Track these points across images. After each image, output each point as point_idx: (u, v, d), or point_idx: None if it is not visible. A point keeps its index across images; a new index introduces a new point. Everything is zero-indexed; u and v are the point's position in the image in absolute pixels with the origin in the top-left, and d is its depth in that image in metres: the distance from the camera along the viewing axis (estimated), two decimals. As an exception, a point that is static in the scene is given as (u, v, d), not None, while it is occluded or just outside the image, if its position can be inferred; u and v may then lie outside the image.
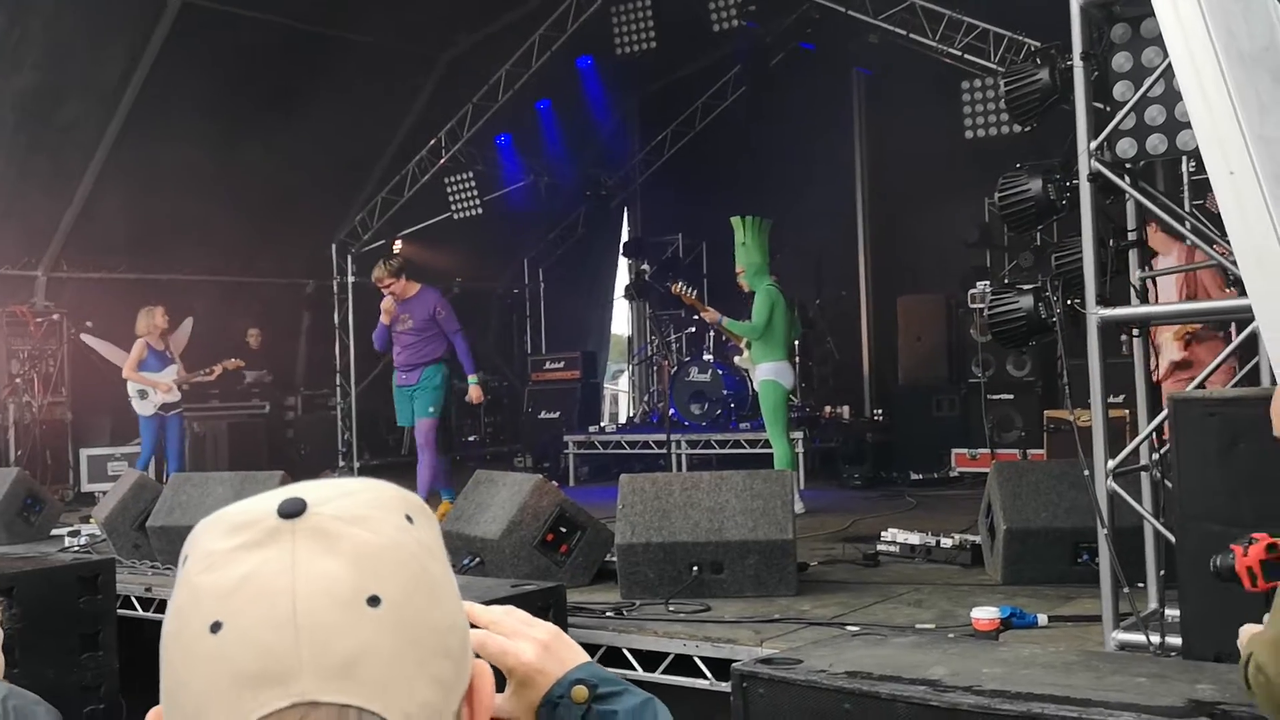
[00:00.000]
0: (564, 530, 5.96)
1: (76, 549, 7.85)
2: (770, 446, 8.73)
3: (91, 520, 8.49)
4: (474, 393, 9.01)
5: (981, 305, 10.41)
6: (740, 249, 8.83)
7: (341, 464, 14.05)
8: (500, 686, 0.97)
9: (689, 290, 9.18)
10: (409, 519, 0.77)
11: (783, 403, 8.57)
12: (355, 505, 0.75)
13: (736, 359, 9.66)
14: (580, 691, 1.06)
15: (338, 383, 14.48)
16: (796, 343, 10.32)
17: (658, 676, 4.87)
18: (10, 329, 11.78)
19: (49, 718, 2.09)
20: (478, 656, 0.82)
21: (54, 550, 7.71)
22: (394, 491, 0.78)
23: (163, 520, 7.28)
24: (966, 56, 10.07)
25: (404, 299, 8.70)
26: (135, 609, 6.56)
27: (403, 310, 8.70)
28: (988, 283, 10.96)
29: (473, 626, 0.86)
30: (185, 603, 0.72)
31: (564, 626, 4.75)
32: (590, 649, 4.99)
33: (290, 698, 0.68)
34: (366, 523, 0.74)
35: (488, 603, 4.15)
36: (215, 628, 0.70)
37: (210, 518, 0.76)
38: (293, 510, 0.73)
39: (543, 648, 1.07)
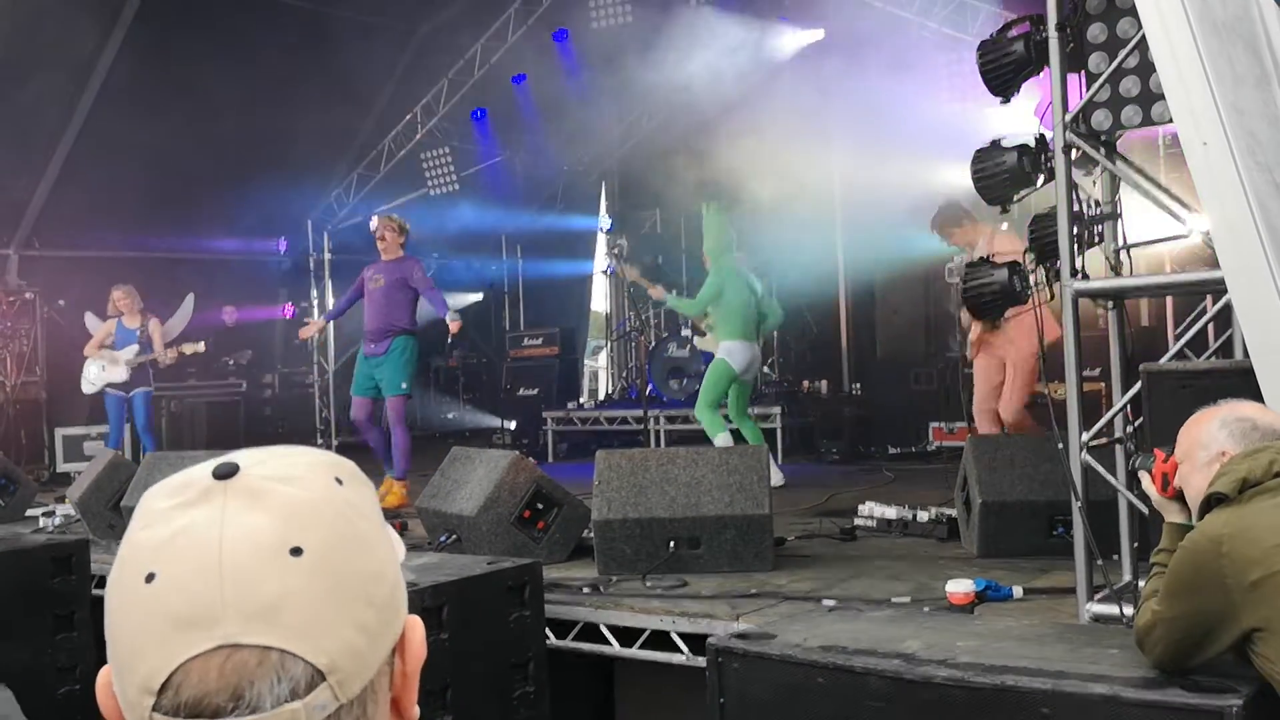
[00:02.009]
0: (541, 507, 5.94)
1: (51, 529, 7.79)
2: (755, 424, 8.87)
3: (66, 500, 8.44)
4: (454, 326, 8.66)
5: (959, 279, 10.41)
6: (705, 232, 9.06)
7: (320, 441, 14.00)
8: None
9: (633, 268, 9.26)
10: (339, 480, 0.82)
11: (722, 380, 8.63)
12: (286, 467, 0.80)
13: (697, 339, 9.64)
14: None
15: (315, 360, 14.42)
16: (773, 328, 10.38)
17: (634, 652, 4.87)
18: (-18, 309, 11.70)
19: None
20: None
21: (28, 531, 7.65)
22: (326, 456, 0.84)
23: (137, 500, 7.23)
24: (944, 30, 10.05)
25: (385, 260, 8.67)
26: (110, 589, 6.52)
27: (378, 270, 8.65)
28: (965, 256, 10.96)
29: None
30: (125, 557, 0.78)
31: (541, 604, 4.75)
32: (567, 625, 5.00)
33: (214, 640, 0.73)
34: (295, 481, 0.79)
35: (463, 581, 4.13)
36: (149, 578, 0.75)
37: (156, 484, 0.82)
38: (226, 472, 0.79)
39: None
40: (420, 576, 4.25)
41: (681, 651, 4.71)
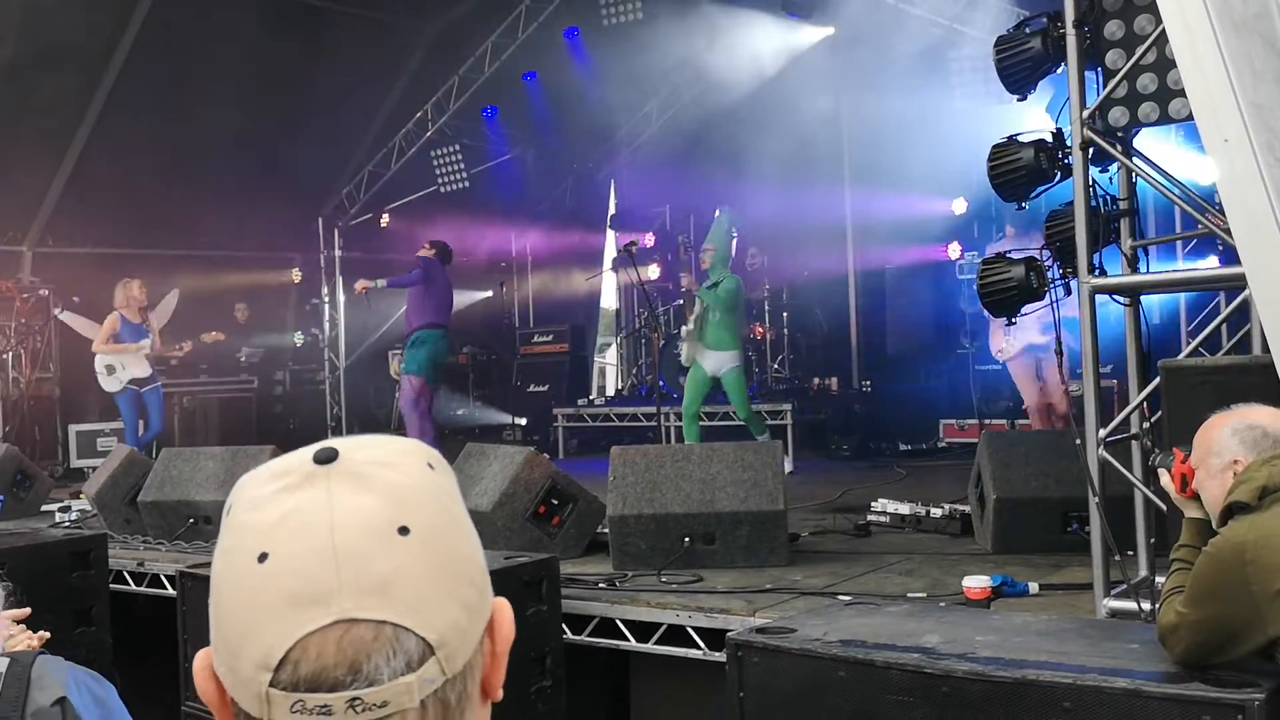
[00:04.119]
0: (556, 502, 5.96)
1: (68, 525, 7.82)
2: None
3: (82, 496, 8.47)
4: (358, 284, 10.23)
5: (970, 276, 10.42)
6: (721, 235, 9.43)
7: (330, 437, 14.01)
8: None
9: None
10: (430, 466, 0.85)
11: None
12: (383, 453, 0.83)
13: (683, 345, 9.73)
14: None
15: (326, 357, 14.44)
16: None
17: (651, 647, 4.89)
18: (-4, 305, 11.73)
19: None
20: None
21: (45, 526, 7.68)
22: (416, 444, 0.87)
23: (154, 495, 7.26)
24: (955, 26, 10.03)
25: None
26: (128, 584, 6.55)
27: None
28: (976, 253, 10.96)
29: None
30: (233, 542, 0.80)
31: (558, 598, 4.77)
32: (583, 620, 5.01)
33: (332, 615, 0.75)
34: (394, 466, 0.82)
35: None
36: (262, 558, 0.77)
37: (251, 471, 0.84)
38: (327, 457, 0.81)
39: None
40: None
41: (698, 646, 4.72)
